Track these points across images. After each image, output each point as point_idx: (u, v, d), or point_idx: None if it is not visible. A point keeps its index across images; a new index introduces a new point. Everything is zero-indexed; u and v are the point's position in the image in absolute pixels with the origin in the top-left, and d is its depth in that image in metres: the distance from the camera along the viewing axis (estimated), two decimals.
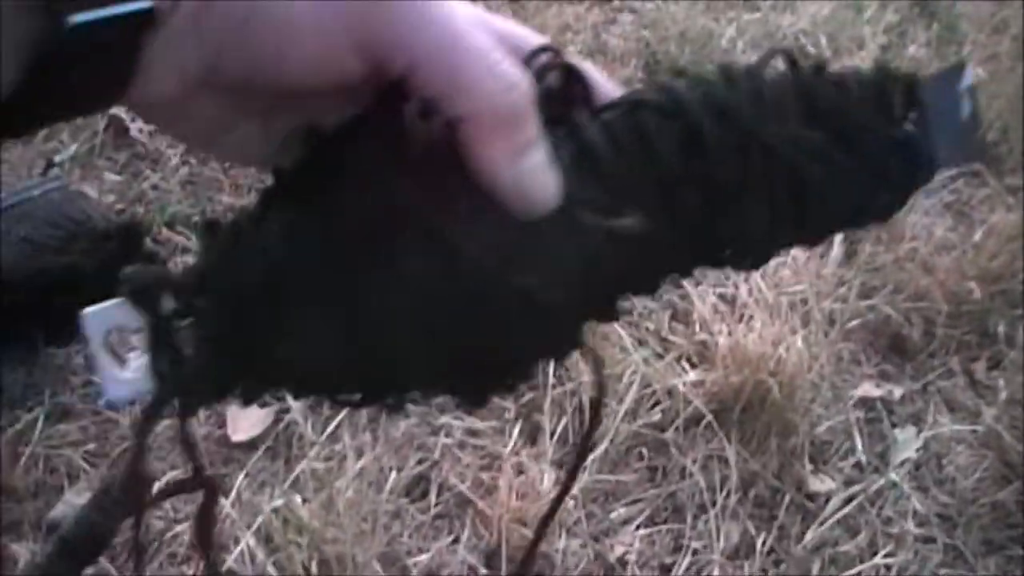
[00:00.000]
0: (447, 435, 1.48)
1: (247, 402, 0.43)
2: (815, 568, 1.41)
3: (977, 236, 1.83)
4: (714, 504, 1.44)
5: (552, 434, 1.47)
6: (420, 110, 0.41)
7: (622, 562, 1.38)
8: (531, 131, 0.40)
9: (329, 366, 0.42)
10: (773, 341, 1.49)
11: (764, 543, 1.42)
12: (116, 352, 0.42)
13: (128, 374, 0.41)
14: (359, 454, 1.43)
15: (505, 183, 0.39)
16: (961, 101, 0.53)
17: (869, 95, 0.49)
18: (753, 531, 1.43)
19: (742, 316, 1.58)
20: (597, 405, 0.51)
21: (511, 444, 1.46)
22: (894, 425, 1.59)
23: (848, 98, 0.48)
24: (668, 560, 1.40)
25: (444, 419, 1.49)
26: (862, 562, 1.43)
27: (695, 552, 1.41)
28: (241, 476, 1.44)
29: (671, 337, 1.59)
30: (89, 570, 1.34)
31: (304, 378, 0.42)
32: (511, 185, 0.40)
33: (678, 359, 1.55)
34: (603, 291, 0.45)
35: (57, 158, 1.89)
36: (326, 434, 1.46)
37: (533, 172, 0.40)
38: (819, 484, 1.49)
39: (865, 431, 1.57)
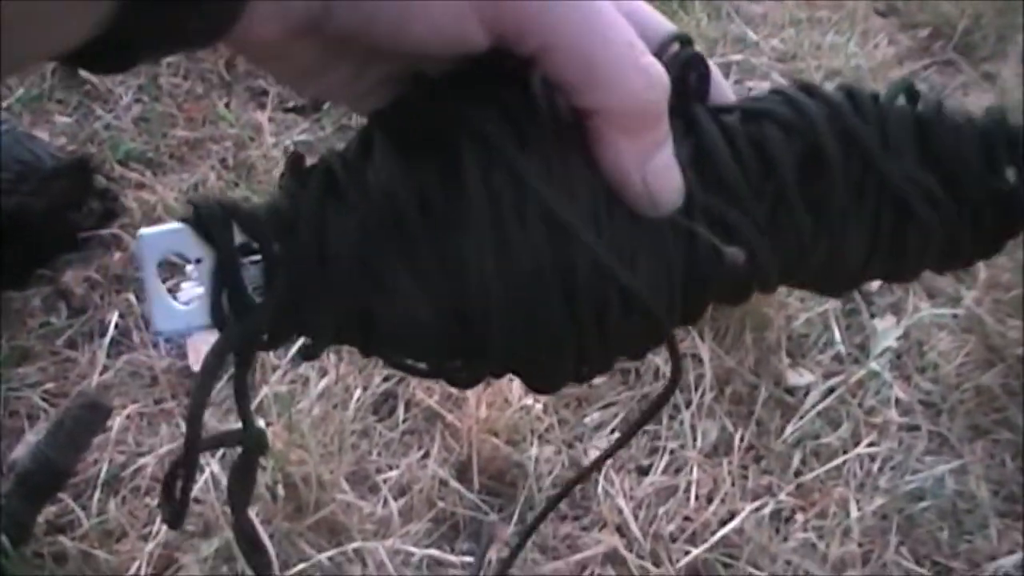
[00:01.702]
0: None
1: (308, 357, 0.41)
2: (796, 461, 1.38)
3: None
4: (689, 404, 1.41)
5: None
6: (544, 86, 0.39)
7: (597, 466, 1.35)
8: (664, 130, 0.39)
9: (413, 329, 0.40)
10: None
11: (743, 439, 1.38)
12: (172, 279, 0.40)
13: (180, 306, 0.39)
14: (323, 374, 1.39)
15: (633, 182, 0.39)
16: None
17: (979, 143, 0.49)
18: (731, 428, 1.39)
19: None
20: (669, 393, 0.49)
21: None
22: (873, 315, 1.55)
23: (961, 143, 0.49)
24: (645, 462, 1.37)
25: None
26: (845, 453, 1.39)
27: (672, 452, 1.37)
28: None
29: None
30: (52, 507, 1.30)
31: (381, 338, 0.41)
32: (638, 184, 0.39)
33: None
34: (699, 299, 0.45)
35: (5, 102, 1.85)
36: (289, 357, 1.43)
37: (661, 172, 0.40)
38: (798, 378, 1.46)
39: (843, 323, 1.53)
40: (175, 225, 0.39)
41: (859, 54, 1.94)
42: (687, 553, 1.29)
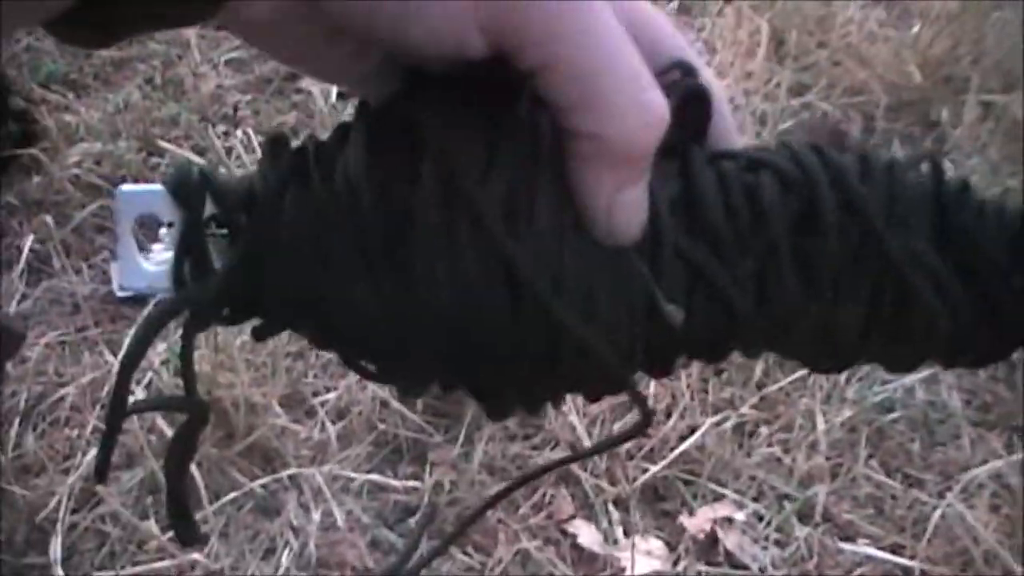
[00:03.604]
0: None
1: (258, 337, 0.43)
2: (759, 373, 1.30)
3: (916, 27, 1.70)
4: None
5: None
6: (534, 101, 0.38)
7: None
8: (645, 167, 0.39)
9: (361, 324, 0.41)
10: None
11: None
12: (142, 238, 0.42)
13: (149, 265, 0.41)
14: None
15: (599, 208, 0.38)
16: None
17: (1005, 233, 0.46)
18: None
19: None
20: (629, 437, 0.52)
21: None
22: None
23: (984, 230, 0.46)
24: None
25: None
26: None
27: None
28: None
29: None
30: None
31: (332, 330, 0.42)
32: (600, 211, 0.38)
33: None
34: (658, 348, 0.43)
35: None
36: None
37: (627, 205, 0.39)
38: None
39: None
40: (154, 186, 0.40)
41: None
42: (645, 471, 1.21)
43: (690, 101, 0.44)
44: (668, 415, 1.25)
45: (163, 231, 0.41)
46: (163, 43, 1.69)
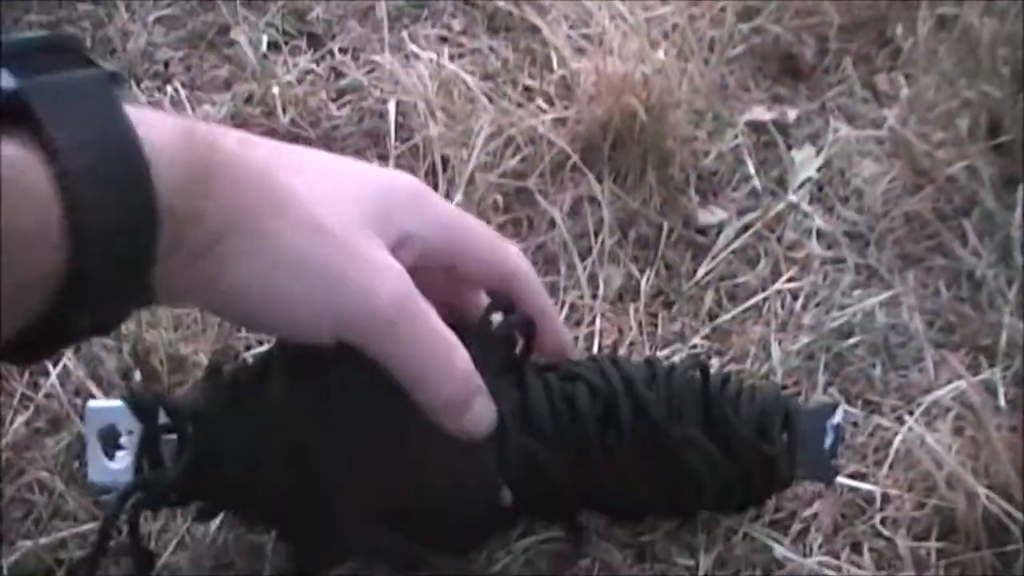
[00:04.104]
0: None
1: (201, 518, 0.59)
2: (710, 303, 1.25)
3: None
4: (589, 251, 1.28)
5: None
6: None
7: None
8: (468, 406, 0.60)
9: (279, 515, 0.58)
10: (635, 57, 1.31)
11: (650, 283, 1.26)
12: (108, 443, 0.53)
13: (115, 465, 0.53)
14: None
15: (449, 430, 0.59)
16: (827, 433, 0.70)
17: (756, 415, 0.65)
18: (637, 273, 1.27)
19: (604, 46, 1.40)
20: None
21: None
22: (790, 147, 1.42)
23: (739, 415, 0.64)
24: None
25: None
26: (764, 291, 1.27)
27: (573, 305, 1.25)
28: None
29: (529, 82, 1.41)
30: None
31: (254, 515, 0.59)
32: (445, 423, 0.59)
33: (531, 98, 1.37)
34: (499, 519, 0.63)
35: None
36: None
37: (471, 424, 0.59)
38: (709, 216, 1.33)
39: (757, 157, 1.40)
40: (115, 403, 0.54)
41: None
42: None
43: (518, 327, 0.60)
44: (616, 350, 1.21)
45: (123, 439, 0.52)
46: (91, 3, 1.64)
